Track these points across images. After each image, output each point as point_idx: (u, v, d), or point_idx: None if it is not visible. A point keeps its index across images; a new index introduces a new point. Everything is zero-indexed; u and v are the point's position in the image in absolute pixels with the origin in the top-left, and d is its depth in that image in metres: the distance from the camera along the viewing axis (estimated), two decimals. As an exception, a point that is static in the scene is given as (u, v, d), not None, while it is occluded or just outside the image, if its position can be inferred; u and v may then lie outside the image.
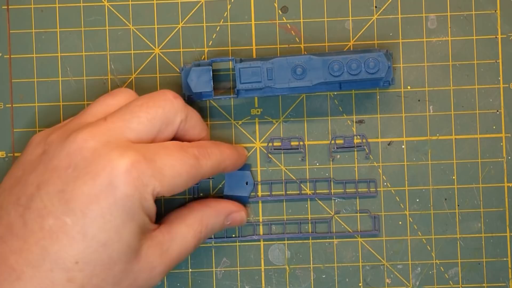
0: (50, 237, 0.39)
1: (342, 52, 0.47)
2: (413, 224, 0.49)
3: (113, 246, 0.40)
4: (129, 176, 0.39)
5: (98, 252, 0.39)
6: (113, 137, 0.41)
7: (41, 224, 0.39)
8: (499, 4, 0.49)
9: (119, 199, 0.39)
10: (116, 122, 0.42)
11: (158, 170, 0.41)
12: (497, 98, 0.49)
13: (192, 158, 0.42)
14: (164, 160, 0.41)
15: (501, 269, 0.49)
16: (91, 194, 0.39)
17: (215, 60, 0.47)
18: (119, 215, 0.40)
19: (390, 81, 0.47)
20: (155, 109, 0.42)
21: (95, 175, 0.39)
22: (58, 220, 0.39)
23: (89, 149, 0.40)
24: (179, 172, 0.41)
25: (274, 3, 0.49)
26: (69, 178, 0.40)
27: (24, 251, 0.39)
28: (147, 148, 0.41)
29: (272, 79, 0.46)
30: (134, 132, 0.42)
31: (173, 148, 0.42)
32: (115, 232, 0.40)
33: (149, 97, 0.43)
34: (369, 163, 0.49)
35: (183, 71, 0.47)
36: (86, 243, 0.39)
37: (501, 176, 0.49)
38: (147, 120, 0.42)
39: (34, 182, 0.40)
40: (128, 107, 0.42)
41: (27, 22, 0.49)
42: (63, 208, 0.39)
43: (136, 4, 0.49)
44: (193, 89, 0.46)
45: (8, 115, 0.50)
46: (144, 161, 0.40)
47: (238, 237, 0.49)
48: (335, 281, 0.49)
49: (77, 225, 0.39)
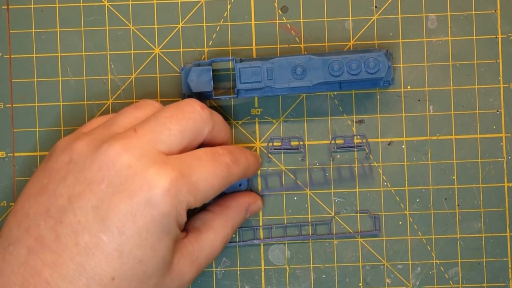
0: (86, 254, 0.39)
1: (342, 52, 0.47)
2: (413, 224, 0.49)
3: (149, 262, 0.40)
4: (167, 195, 0.39)
5: (134, 269, 0.39)
6: (146, 150, 0.40)
7: (76, 239, 0.39)
8: (499, 4, 0.49)
9: (156, 218, 0.39)
10: (147, 134, 0.41)
11: (193, 185, 0.41)
12: (497, 98, 0.49)
13: (225, 168, 0.42)
14: (199, 173, 0.41)
15: (501, 269, 0.49)
16: (128, 212, 0.39)
17: (215, 60, 0.47)
18: (156, 232, 0.40)
19: (390, 81, 0.47)
20: (185, 121, 0.42)
21: (132, 193, 0.39)
22: (94, 237, 0.39)
23: (123, 163, 0.40)
24: (212, 185, 0.42)
25: (274, 3, 0.49)
26: (104, 194, 0.39)
27: (59, 266, 0.39)
28: (181, 161, 0.41)
29: (272, 79, 0.46)
30: (165, 144, 0.41)
31: (206, 159, 0.42)
32: (151, 248, 0.40)
33: (177, 108, 0.43)
34: (369, 163, 0.49)
35: (183, 71, 0.47)
36: (123, 260, 0.39)
37: (501, 176, 0.49)
38: (178, 132, 0.42)
39: (64, 194, 0.40)
40: (157, 119, 0.42)
41: (27, 22, 0.49)
42: (98, 225, 0.39)
43: (136, 4, 0.49)
44: (193, 89, 0.46)
45: (8, 115, 0.50)
46: (181, 178, 0.40)
47: (239, 241, 0.49)
48: (335, 281, 0.49)
49: (114, 242, 0.39)
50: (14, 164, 0.49)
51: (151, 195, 0.39)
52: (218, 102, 0.49)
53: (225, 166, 0.43)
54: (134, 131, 0.41)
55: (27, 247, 0.39)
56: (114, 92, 0.49)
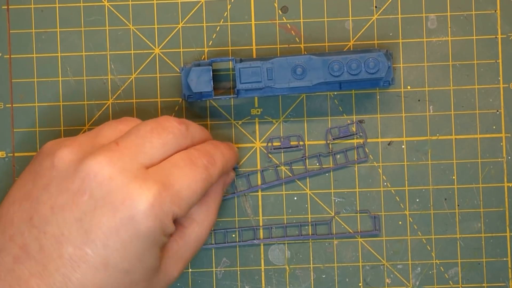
0: (71, 266, 0.39)
1: (342, 52, 0.47)
2: (413, 224, 0.49)
3: (136, 272, 0.40)
4: (151, 210, 0.39)
5: (121, 279, 0.40)
6: (127, 163, 0.40)
7: (60, 251, 0.39)
8: (499, 4, 0.49)
9: (141, 233, 0.39)
10: (129, 147, 0.41)
11: (176, 195, 0.41)
12: (497, 98, 0.49)
13: (204, 171, 0.42)
14: (180, 182, 0.41)
15: (501, 269, 0.49)
16: (111, 227, 0.39)
17: (215, 60, 0.47)
18: (142, 245, 0.40)
19: (390, 81, 0.47)
20: (165, 135, 0.42)
21: (114, 209, 0.39)
22: (79, 250, 0.39)
23: (104, 176, 0.39)
24: (195, 191, 0.42)
25: (274, 3, 0.49)
26: (87, 206, 0.39)
27: (45, 277, 0.39)
28: (161, 172, 0.41)
29: (272, 79, 0.46)
30: (147, 156, 0.41)
31: (184, 165, 0.42)
32: (137, 259, 0.40)
33: (156, 122, 0.43)
34: (369, 163, 0.49)
35: (183, 71, 0.47)
36: (109, 272, 0.39)
37: (501, 176, 0.49)
38: (160, 145, 0.42)
39: (47, 202, 0.40)
40: (138, 132, 0.42)
41: (27, 22, 0.49)
42: (82, 238, 0.39)
43: (136, 4, 0.49)
44: (193, 89, 0.46)
45: (8, 115, 0.50)
46: (164, 190, 0.40)
47: (239, 242, 0.49)
48: (335, 281, 0.49)
49: (99, 256, 0.39)
50: (14, 164, 0.49)
51: (134, 211, 0.39)
52: (218, 102, 0.49)
53: (204, 168, 0.42)
54: (116, 144, 0.41)
55: (12, 256, 0.39)
56: (114, 92, 0.49)
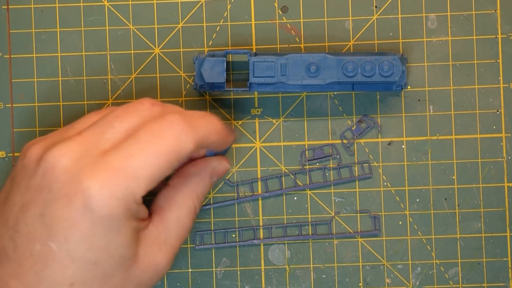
0: (40, 262, 0.39)
1: (357, 53, 0.47)
2: (413, 224, 0.49)
3: (105, 263, 0.39)
4: (101, 198, 0.38)
5: (91, 271, 0.39)
6: (84, 151, 0.39)
7: (30, 249, 0.39)
8: (499, 4, 0.49)
9: (98, 221, 0.38)
10: (90, 135, 0.40)
11: (131, 177, 0.39)
12: (497, 98, 0.49)
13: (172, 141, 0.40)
14: (137, 160, 0.39)
15: (501, 269, 0.49)
16: (69, 219, 0.38)
17: (229, 52, 0.47)
18: (103, 234, 0.39)
19: (403, 85, 0.47)
20: (131, 118, 0.41)
21: (69, 200, 0.38)
22: (45, 246, 0.39)
23: (61, 168, 0.39)
24: (156, 166, 0.39)
25: (274, 3, 0.49)
26: (47, 200, 0.39)
27: (21, 276, 0.39)
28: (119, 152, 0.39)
29: (286, 75, 0.46)
30: (108, 142, 0.40)
31: (146, 140, 0.39)
32: (102, 250, 0.39)
33: (125, 107, 0.41)
34: (369, 163, 0.49)
35: (197, 61, 0.47)
36: (76, 265, 0.39)
37: (501, 176, 0.49)
38: (124, 129, 0.40)
39: (18, 202, 0.40)
40: (104, 119, 0.41)
41: (27, 22, 0.49)
42: (46, 233, 0.39)
43: (136, 4, 0.49)
44: (206, 79, 0.46)
45: (8, 115, 0.50)
46: (115, 175, 0.38)
47: (239, 242, 0.49)
48: (335, 281, 0.49)
49: (63, 250, 0.38)
50: (14, 164, 0.49)
51: (86, 200, 0.38)
52: (218, 102, 0.49)
53: (172, 138, 0.39)
54: (79, 134, 0.40)
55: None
56: (114, 92, 0.49)
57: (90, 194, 0.38)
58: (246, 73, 0.49)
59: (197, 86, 0.47)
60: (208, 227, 0.49)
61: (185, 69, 0.49)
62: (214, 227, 0.49)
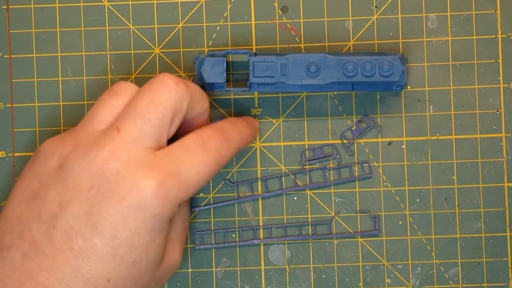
0: (80, 257, 0.39)
1: (357, 53, 0.47)
2: (413, 224, 0.49)
3: (142, 262, 0.40)
4: (156, 198, 0.40)
5: (128, 269, 0.40)
6: (132, 151, 0.40)
7: (70, 244, 0.39)
8: (499, 4, 0.49)
9: (147, 220, 0.40)
10: (130, 132, 0.41)
11: (183, 182, 0.41)
12: (497, 98, 0.49)
13: (216, 155, 0.42)
14: (188, 168, 0.41)
15: (501, 269, 0.49)
16: (119, 217, 0.39)
17: (229, 52, 0.47)
18: (148, 234, 0.40)
19: (403, 85, 0.47)
20: (162, 106, 0.41)
21: (121, 198, 0.39)
22: (88, 241, 0.39)
23: (111, 170, 0.40)
24: (203, 175, 0.42)
25: (274, 3, 0.49)
26: (94, 199, 0.40)
27: (55, 270, 0.39)
28: (168, 157, 0.41)
29: (286, 75, 0.46)
30: (150, 138, 0.41)
31: (195, 149, 0.42)
32: (143, 249, 0.40)
33: (151, 91, 0.42)
34: (369, 163, 0.49)
35: (197, 61, 0.47)
36: (117, 263, 0.40)
37: (501, 176, 0.49)
38: (159, 120, 0.41)
39: (55, 200, 0.40)
40: (135, 109, 0.41)
41: (27, 22, 0.49)
42: (91, 230, 0.39)
43: (136, 4, 0.49)
44: (206, 79, 0.46)
45: (8, 115, 0.50)
46: (169, 178, 0.40)
47: (239, 242, 0.49)
48: (335, 281, 0.49)
49: (107, 246, 0.39)
50: (14, 164, 0.49)
51: (140, 199, 0.39)
52: (218, 103, 0.49)
53: (216, 152, 0.42)
54: (117, 131, 0.41)
55: (21, 252, 0.40)
56: (114, 92, 0.49)
57: (146, 193, 0.39)
58: (246, 73, 0.49)
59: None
60: (208, 227, 0.50)
61: (185, 69, 0.49)
62: (214, 227, 0.49)
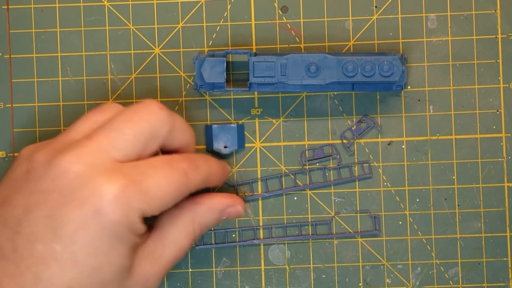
0: (41, 264, 0.39)
1: (357, 53, 0.47)
2: (413, 224, 0.49)
3: (104, 270, 0.40)
4: (117, 203, 0.39)
5: (90, 277, 0.39)
6: (99, 158, 0.40)
7: (31, 250, 0.39)
8: (499, 4, 0.49)
9: (107, 226, 0.39)
10: (101, 141, 0.41)
11: (145, 193, 0.40)
12: (497, 98, 0.49)
13: (181, 174, 0.42)
14: (152, 181, 0.40)
15: (501, 269, 0.49)
16: (79, 221, 0.39)
17: (229, 52, 0.47)
18: (108, 240, 0.39)
19: (403, 85, 0.47)
20: (140, 124, 0.41)
21: (81, 202, 0.39)
22: (48, 247, 0.39)
23: (74, 172, 0.39)
24: (167, 192, 0.41)
25: (274, 3, 0.49)
26: (55, 203, 0.39)
27: (17, 276, 0.39)
28: (134, 168, 0.40)
29: (286, 75, 0.46)
30: (120, 152, 0.41)
31: (161, 166, 0.41)
32: (105, 256, 0.39)
33: (133, 110, 0.42)
34: (369, 163, 0.49)
35: (197, 60, 0.47)
36: (77, 269, 0.39)
37: (501, 176, 0.49)
38: (133, 136, 0.41)
39: (20, 204, 0.40)
40: (112, 123, 0.41)
41: (27, 22, 0.49)
42: (51, 235, 0.39)
43: (136, 4, 0.49)
44: (206, 79, 0.46)
45: (8, 115, 0.50)
46: (132, 185, 0.39)
47: (239, 241, 0.49)
48: (335, 281, 0.49)
49: (67, 252, 0.39)
50: (14, 164, 0.49)
51: (100, 204, 0.39)
52: (218, 102, 0.49)
53: (182, 172, 0.42)
54: (89, 139, 0.41)
55: None
56: (114, 92, 0.49)
57: (105, 197, 0.39)
58: (246, 73, 0.49)
59: (197, 86, 0.47)
60: (208, 227, 0.49)
61: (185, 69, 0.49)
62: (214, 227, 0.49)
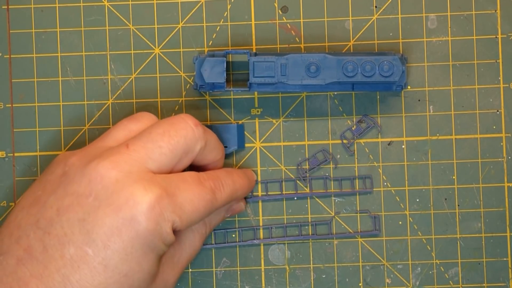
0: (71, 266, 0.39)
1: (357, 53, 0.47)
2: (413, 224, 0.49)
3: (134, 276, 0.40)
4: (152, 212, 0.39)
5: (120, 282, 0.40)
6: (135, 167, 0.40)
7: (62, 251, 0.39)
8: (499, 4, 0.49)
9: (141, 234, 0.39)
10: (138, 150, 0.41)
11: (179, 205, 0.41)
12: (497, 98, 0.49)
13: (209, 192, 0.42)
14: (184, 195, 0.41)
15: (501, 269, 0.49)
16: (113, 227, 0.39)
17: (229, 52, 0.47)
18: (141, 248, 0.40)
19: (403, 85, 0.47)
20: (177, 139, 0.42)
21: (117, 208, 0.39)
22: (79, 250, 0.39)
23: (111, 178, 0.40)
24: (197, 208, 0.42)
25: (274, 3, 0.49)
26: (90, 207, 0.40)
27: (45, 277, 0.39)
28: (168, 181, 0.41)
29: (286, 75, 0.46)
30: (156, 163, 0.41)
31: (192, 182, 0.42)
32: (136, 263, 0.40)
33: (170, 124, 0.43)
34: (369, 163, 0.49)
35: (197, 61, 0.47)
36: (108, 274, 0.39)
37: (501, 176, 0.49)
38: (169, 151, 0.42)
39: (53, 206, 0.40)
40: (150, 135, 0.42)
41: (27, 22, 0.49)
42: (84, 238, 0.39)
43: (136, 4, 0.49)
44: (206, 79, 0.46)
45: (8, 115, 0.50)
46: (167, 197, 0.40)
47: (239, 242, 0.49)
48: (335, 281, 0.49)
49: (99, 256, 0.39)
50: (14, 164, 0.49)
51: (136, 211, 0.39)
52: (218, 102, 0.49)
53: (210, 190, 0.43)
54: (126, 147, 0.41)
55: (16, 257, 0.40)
56: (114, 92, 0.49)
57: (142, 205, 0.39)
58: (246, 73, 0.49)
59: (197, 86, 0.47)
60: (208, 227, 0.50)
61: (185, 69, 0.49)
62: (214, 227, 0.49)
